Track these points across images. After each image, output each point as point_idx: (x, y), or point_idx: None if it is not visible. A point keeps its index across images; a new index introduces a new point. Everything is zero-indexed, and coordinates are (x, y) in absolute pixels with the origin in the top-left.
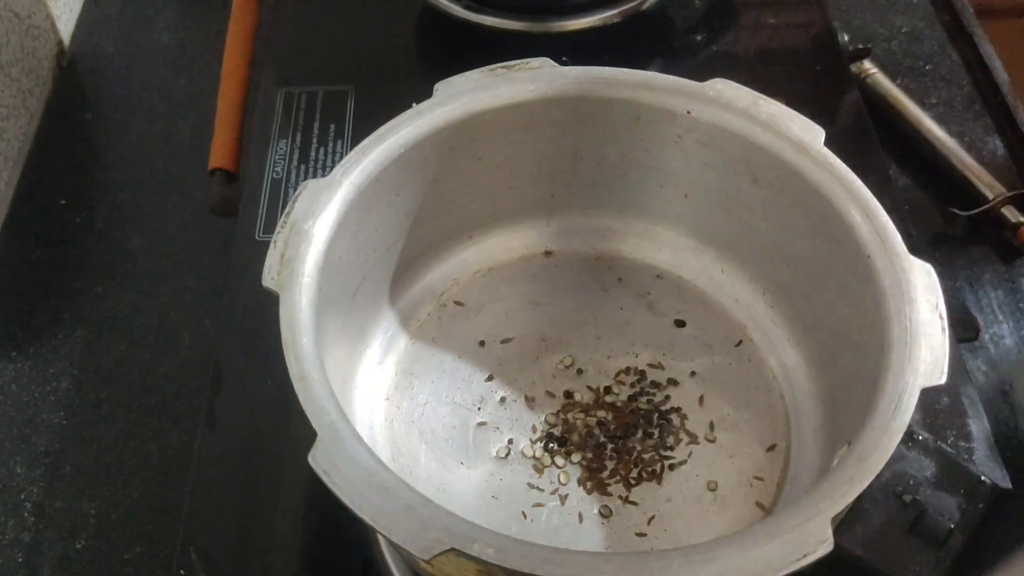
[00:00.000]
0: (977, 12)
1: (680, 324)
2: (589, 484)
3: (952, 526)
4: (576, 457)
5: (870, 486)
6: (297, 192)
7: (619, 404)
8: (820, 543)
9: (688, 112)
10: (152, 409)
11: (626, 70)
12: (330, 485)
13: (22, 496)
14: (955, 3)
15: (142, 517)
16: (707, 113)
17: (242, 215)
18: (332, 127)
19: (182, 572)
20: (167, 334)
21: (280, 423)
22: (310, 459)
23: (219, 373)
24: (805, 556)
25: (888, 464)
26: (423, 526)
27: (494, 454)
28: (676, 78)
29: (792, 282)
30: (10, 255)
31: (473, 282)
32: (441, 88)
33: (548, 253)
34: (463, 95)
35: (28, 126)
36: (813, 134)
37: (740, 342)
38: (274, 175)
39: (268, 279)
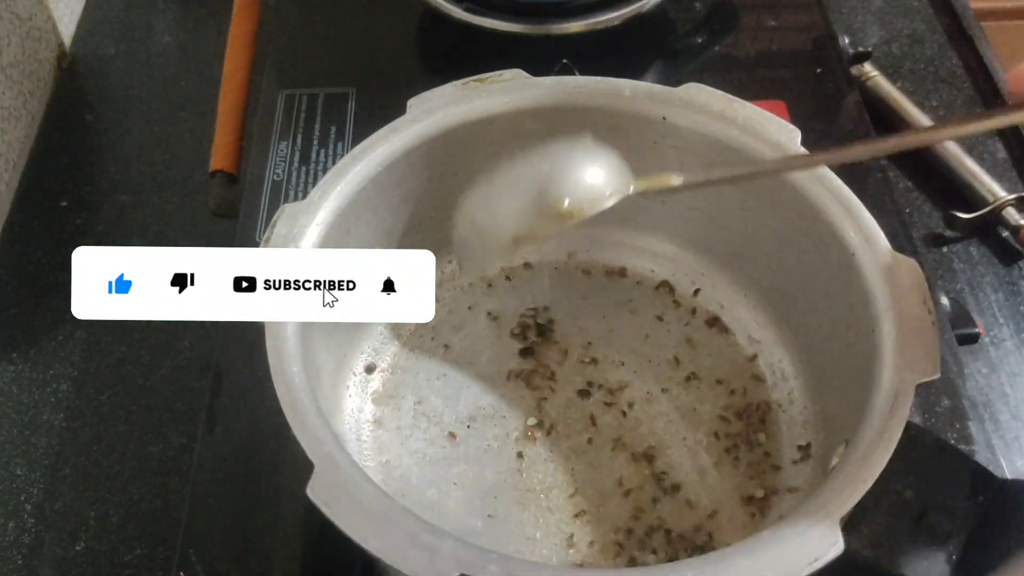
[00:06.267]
0: (978, 15)
1: (663, 329)
2: (588, 498)
3: (956, 521)
4: (570, 470)
5: (872, 485)
6: (275, 216)
7: (609, 414)
8: (831, 545)
9: (663, 118)
10: (152, 411)
11: (599, 78)
12: (331, 517)
13: (22, 498)
14: (956, 6)
15: (142, 519)
16: (683, 118)
17: (243, 217)
18: (333, 129)
19: (182, 574)
20: (167, 336)
21: (279, 424)
22: (308, 492)
23: (219, 375)
24: (817, 559)
25: (888, 461)
26: (431, 554)
27: (487, 472)
28: (650, 84)
29: (775, 283)
30: (11, 257)
31: (455, 297)
32: (415, 104)
33: (527, 265)
34: (437, 110)
35: (29, 128)
36: (790, 135)
37: (725, 345)
38: (275, 177)
39: None
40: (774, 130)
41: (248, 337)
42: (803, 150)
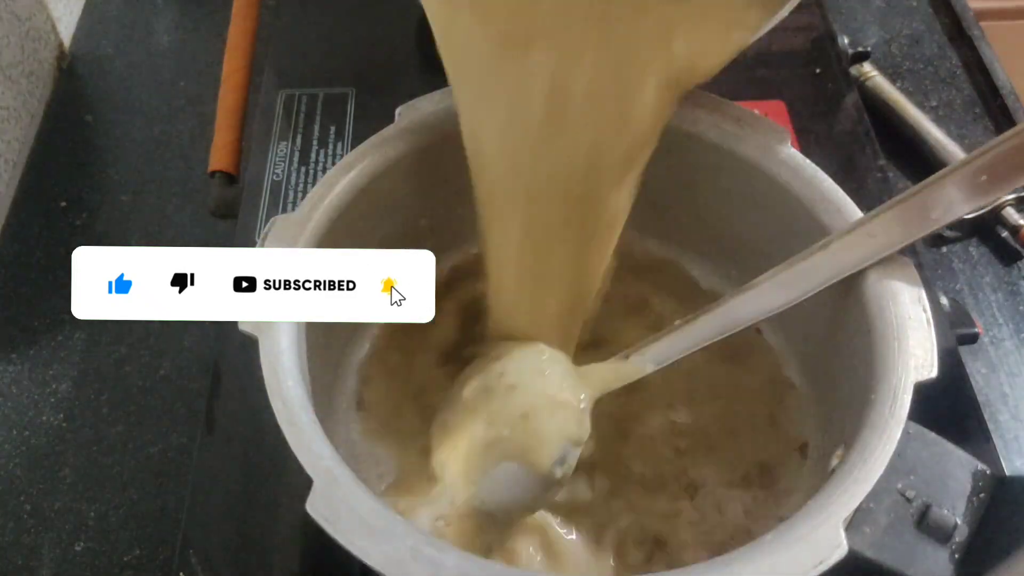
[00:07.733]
0: (977, 15)
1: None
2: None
3: (958, 519)
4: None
5: (872, 486)
6: (266, 230)
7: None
8: (834, 548)
9: None
10: (151, 411)
11: None
12: (332, 533)
13: (21, 498)
14: (955, 5)
15: (141, 519)
16: (673, 119)
17: (242, 217)
18: (332, 129)
19: (181, 574)
20: (167, 336)
21: (279, 425)
22: (308, 507)
23: (219, 375)
24: (821, 563)
25: (888, 461)
26: (434, 568)
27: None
28: None
29: None
30: (10, 257)
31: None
32: (404, 112)
33: None
34: (426, 118)
35: (28, 128)
36: (780, 136)
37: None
38: (274, 177)
39: (246, 323)
40: (764, 131)
41: (247, 338)
42: (793, 150)
